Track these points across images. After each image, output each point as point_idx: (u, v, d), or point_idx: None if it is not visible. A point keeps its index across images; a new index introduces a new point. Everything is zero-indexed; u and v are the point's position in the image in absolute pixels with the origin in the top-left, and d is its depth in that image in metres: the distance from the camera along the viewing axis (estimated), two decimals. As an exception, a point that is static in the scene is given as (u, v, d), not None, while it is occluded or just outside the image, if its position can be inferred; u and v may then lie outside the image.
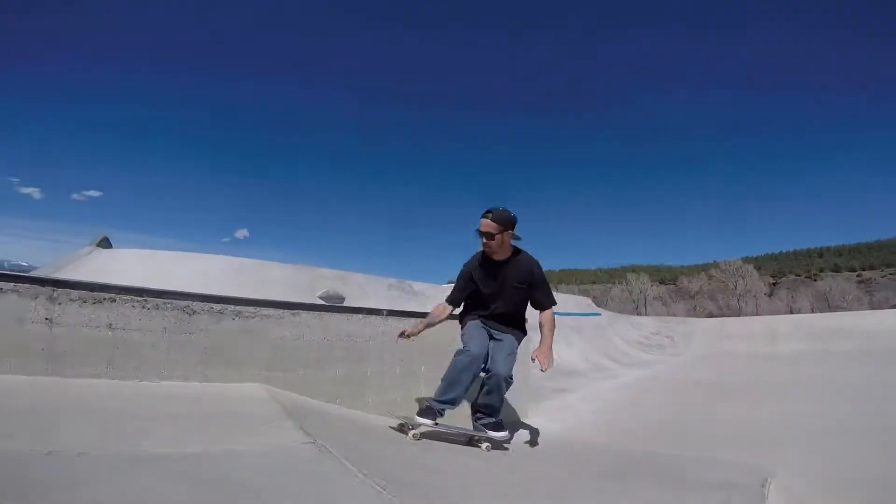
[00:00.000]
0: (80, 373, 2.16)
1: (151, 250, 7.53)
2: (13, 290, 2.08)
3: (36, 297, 2.11)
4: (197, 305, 2.46)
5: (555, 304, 2.86)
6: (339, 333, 3.01)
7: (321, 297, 6.82)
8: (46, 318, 2.12)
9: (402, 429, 2.60)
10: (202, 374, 2.47)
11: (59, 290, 2.16)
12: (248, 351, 2.63)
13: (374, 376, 3.14)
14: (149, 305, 2.34)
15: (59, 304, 2.15)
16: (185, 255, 7.32)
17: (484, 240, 2.70)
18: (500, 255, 2.75)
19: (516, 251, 2.82)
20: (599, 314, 16.76)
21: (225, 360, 2.54)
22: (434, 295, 9.84)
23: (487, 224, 2.66)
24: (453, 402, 2.64)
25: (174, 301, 2.41)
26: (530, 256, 2.85)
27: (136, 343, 2.30)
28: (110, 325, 2.25)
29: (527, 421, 3.71)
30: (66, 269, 7.97)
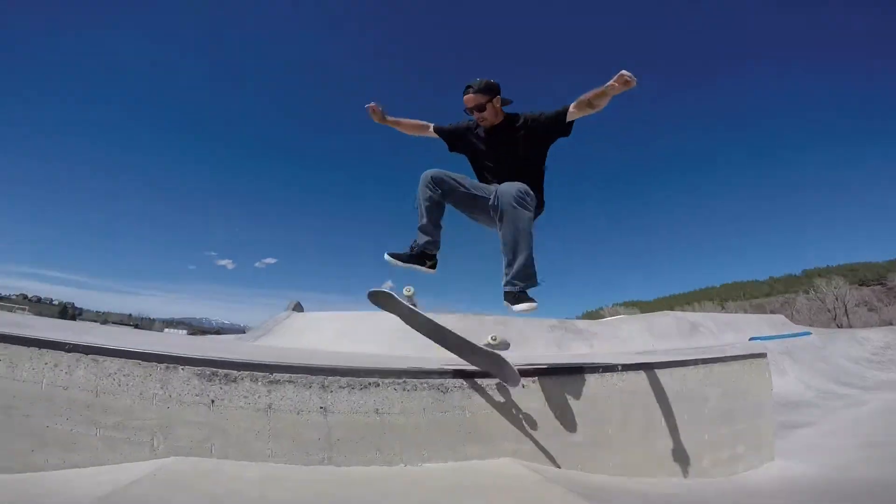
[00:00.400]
0: (352, 460, 2.02)
1: (337, 312, 8.19)
2: (289, 381, 2.04)
3: (310, 387, 2.05)
4: (450, 383, 2.21)
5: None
6: (578, 395, 2.51)
7: (488, 346, 6.52)
8: (321, 408, 2.04)
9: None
10: (459, 452, 2.17)
11: (330, 377, 2.07)
12: (498, 425, 2.28)
13: (615, 436, 2.56)
14: (408, 387, 2.14)
15: (331, 391, 2.06)
16: (364, 315, 7.75)
17: (476, 115, 2.50)
18: (497, 120, 2.52)
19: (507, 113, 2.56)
20: (809, 333, 13.64)
21: (479, 437, 2.22)
22: (600, 332, 8.75)
23: (474, 98, 2.45)
24: (423, 230, 2.43)
25: (429, 380, 2.18)
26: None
27: (399, 426, 2.10)
28: (377, 409, 2.09)
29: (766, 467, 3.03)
30: (274, 331, 9.21)
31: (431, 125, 2.77)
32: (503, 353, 2.29)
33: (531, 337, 7.51)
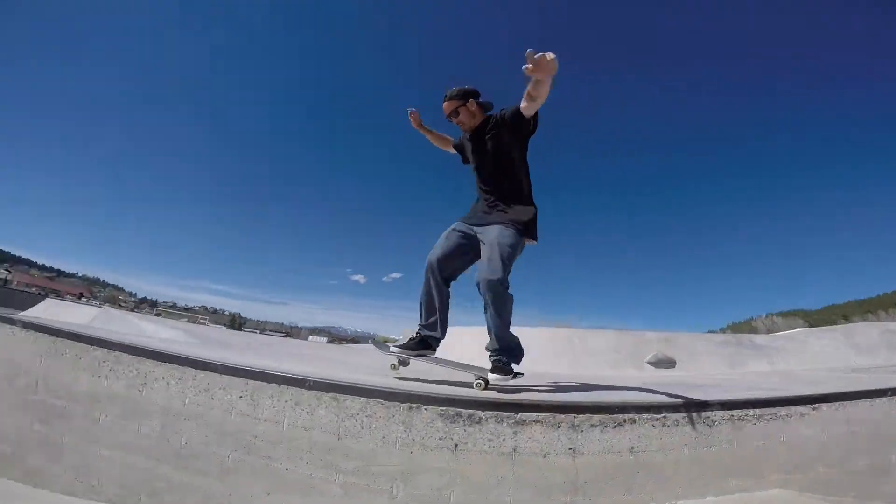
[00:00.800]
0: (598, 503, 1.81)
1: (478, 327, 7.80)
2: (536, 421, 1.80)
3: (558, 427, 1.80)
4: (717, 415, 1.85)
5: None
6: (861, 423, 2.07)
7: (650, 363, 6.06)
8: (570, 449, 1.80)
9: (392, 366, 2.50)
10: (719, 486, 1.90)
11: (580, 416, 1.79)
12: (766, 455, 1.94)
13: None
14: (668, 422, 1.83)
15: (581, 431, 1.80)
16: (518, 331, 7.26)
17: (453, 121, 2.57)
18: (475, 123, 2.53)
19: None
20: None
21: (742, 469, 1.92)
22: (783, 347, 7.20)
23: (447, 105, 2.53)
24: (430, 327, 2.44)
25: (692, 413, 1.84)
26: None
27: (656, 464, 1.83)
28: (632, 448, 1.82)
29: None
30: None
31: (452, 140, 2.87)
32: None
33: (699, 353, 6.52)
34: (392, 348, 2.49)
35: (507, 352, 2.27)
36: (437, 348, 2.53)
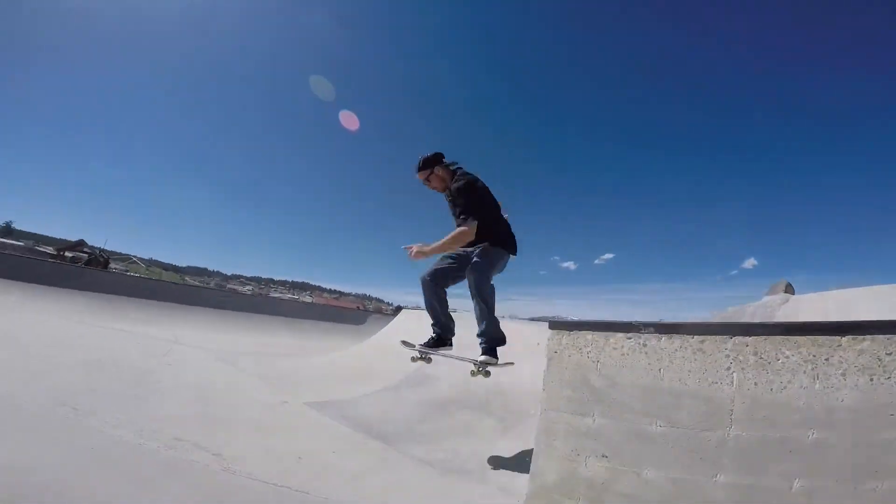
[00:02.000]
0: None
1: (835, 290, 7.00)
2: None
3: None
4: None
5: (465, 222, 2.78)
6: None
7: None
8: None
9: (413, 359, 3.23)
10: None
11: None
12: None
13: None
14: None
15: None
16: (870, 291, 6.41)
17: (429, 186, 3.02)
18: (446, 185, 2.98)
19: (456, 177, 2.98)
20: None
21: None
22: None
23: (420, 175, 3.01)
24: (441, 328, 3.10)
25: None
26: (462, 175, 2.96)
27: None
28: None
29: None
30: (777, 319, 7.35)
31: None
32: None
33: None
34: (417, 346, 3.16)
35: (489, 335, 2.89)
36: (453, 340, 3.16)
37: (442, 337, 3.09)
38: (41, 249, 21.88)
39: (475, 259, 2.84)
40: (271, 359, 5.49)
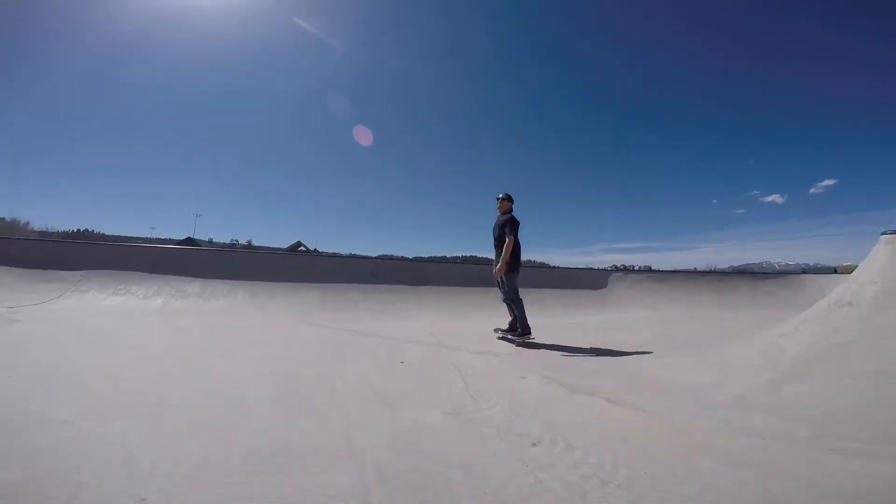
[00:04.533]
0: None
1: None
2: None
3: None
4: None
5: (510, 235, 4.84)
6: None
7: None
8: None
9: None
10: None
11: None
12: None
13: None
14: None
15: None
16: None
17: (502, 206, 5.09)
18: (500, 213, 5.11)
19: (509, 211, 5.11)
20: None
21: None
22: None
23: (505, 203, 5.08)
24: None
25: None
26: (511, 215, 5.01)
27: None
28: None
29: None
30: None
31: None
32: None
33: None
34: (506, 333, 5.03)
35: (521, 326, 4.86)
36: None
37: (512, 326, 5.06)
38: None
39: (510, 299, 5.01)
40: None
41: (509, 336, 4.84)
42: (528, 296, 5.26)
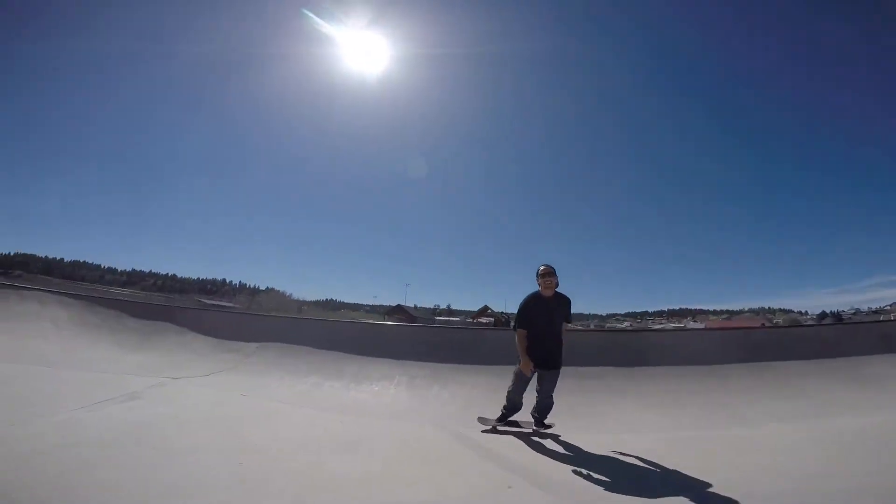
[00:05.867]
0: None
1: None
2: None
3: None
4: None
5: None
6: None
7: None
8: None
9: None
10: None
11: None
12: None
13: None
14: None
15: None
16: None
17: (551, 281, 3.84)
18: (550, 293, 3.85)
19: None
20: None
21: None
22: None
23: (554, 279, 3.85)
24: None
25: None
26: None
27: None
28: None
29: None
30: None
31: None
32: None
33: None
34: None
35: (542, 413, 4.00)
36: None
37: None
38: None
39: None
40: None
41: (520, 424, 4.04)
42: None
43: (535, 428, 3.93)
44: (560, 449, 3.45)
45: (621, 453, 3.28)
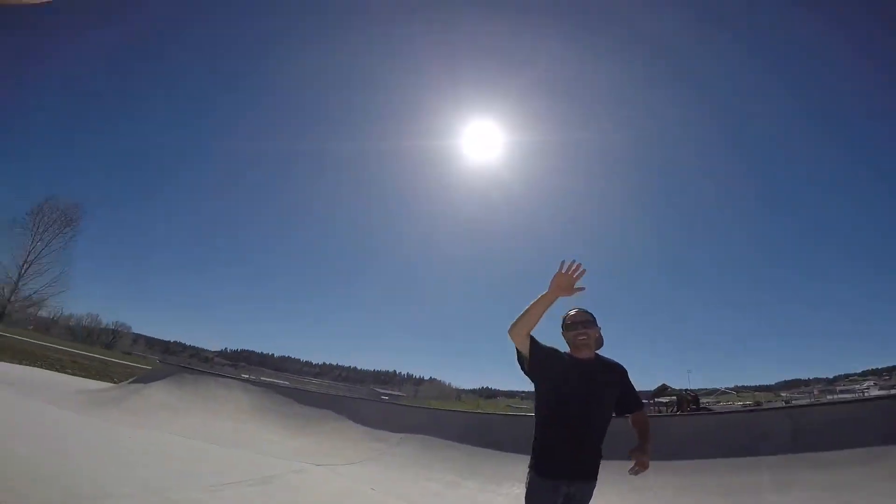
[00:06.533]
0: None
1: None
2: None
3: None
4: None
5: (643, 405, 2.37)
6: None
7: None
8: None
9: None
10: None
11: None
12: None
13: None
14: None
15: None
16: None
17: (585, 332, 2.25)
18: (588, 353, 2.26)
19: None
20: None
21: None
22: None
23: (593, 330, 2.27)
24: None
25: None
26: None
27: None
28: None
29: None
30: None
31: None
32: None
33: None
34: None
35: None
36: None
37: None
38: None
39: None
40: None
41: None
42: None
43: None
44: None
45: None
